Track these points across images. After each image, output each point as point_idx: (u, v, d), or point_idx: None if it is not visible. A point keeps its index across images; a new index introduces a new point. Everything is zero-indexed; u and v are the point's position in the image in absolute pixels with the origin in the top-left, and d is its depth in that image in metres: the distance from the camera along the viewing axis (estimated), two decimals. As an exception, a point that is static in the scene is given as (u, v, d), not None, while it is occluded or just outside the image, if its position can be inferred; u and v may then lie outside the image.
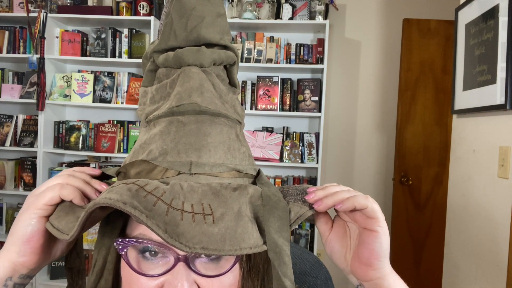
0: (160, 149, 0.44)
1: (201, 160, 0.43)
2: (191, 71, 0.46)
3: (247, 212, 0.41)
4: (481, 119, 1.69)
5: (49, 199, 0.44)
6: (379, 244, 0.44)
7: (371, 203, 0.44)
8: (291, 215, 0.43)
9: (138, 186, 0.39)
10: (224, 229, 0.38)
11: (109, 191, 0.39)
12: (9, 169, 2.88)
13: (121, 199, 0.37)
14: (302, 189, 0.47)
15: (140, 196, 0.38)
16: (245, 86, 2.82)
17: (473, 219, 1.72)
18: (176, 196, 0.39)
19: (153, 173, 0.43)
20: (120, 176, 0.47)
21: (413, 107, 2.80)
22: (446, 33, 2.72)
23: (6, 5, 2.91)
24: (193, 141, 0.44)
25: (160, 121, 0.46)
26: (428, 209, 2.81)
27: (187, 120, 0.45)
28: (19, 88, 2.89)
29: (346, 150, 3.04)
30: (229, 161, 0.45)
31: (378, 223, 0.44)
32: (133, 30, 2.87)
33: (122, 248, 0.43)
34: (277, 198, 0.44)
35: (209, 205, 0.39)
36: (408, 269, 2.81)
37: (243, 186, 0.43)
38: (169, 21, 0.48)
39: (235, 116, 0.48)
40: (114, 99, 2.86)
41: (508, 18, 1.46)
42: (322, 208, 0.44)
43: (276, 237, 0.40)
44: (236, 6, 2.87)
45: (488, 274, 1.58)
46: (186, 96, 0.45)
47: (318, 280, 0.68)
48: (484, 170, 1.65)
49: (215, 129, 0.45)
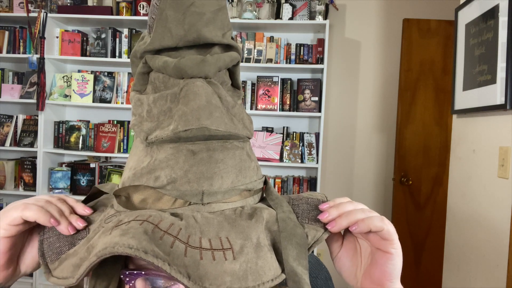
0: (168, 177, 0.41)
1: (213, 188, 0.41)
2: (195, 85, 0.42)
3: (265, 241, 0.39)
4: (481, 119, 1.69)
5: (12, 220, 0.42)
6: (392, 265, 0.43)
7: (387, 225, 0.43)
8: (308, 239, 0.42)
9: (153, 225, 0.37)
10: (245, 264, 0.37)
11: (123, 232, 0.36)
12: (9, 169, 2.88)
13: (140, 246, 0.34)
14: (313, 204, 0.46)
15: (156, 238, 0.36)
16: (245, 86, 2.82)
17: (473, 219, 1.72)
18: (192, 232, 0.38)
19: (160, 202, 0.41)
20: (121, 200, 0.44)
21: (413, 107, 2.80)
22: (446, 33, 2.72)
23: (6, 5, 2.91)
24: (205, 170, 0.41)
25: (165, 146, 0.42)
26: (428, 209, 2.81)
27: (197, 149, 0.41)
28: (19, 88, 2.89)
29: (346, 150, 3.04)
30: (240, 183, 0.43)
31: (392, 245, 0.43)
32: (133, 30, 2.87)
33: (129, 280, 0.40)
34: (293, 223, 0.42)
35: (227, 238, 0.38)
36: (408, 269, 2.81)
37: (258, 212, 0.42)
38: (163, 17, 0.43)
39: (245, 132, 0.45)
40: (114, 99, 2.86)
41: (508, 18, 1.46)
42: (336, 229, 0.43)
43: (294, 265, 0.39)
44: (236, 6, 2.87)
45: (488, 274, 1.58)
46: (193, 119, 0.40)
47: (318, 280, 0.68)
48: (484, 170, 1.65)
49: (227, 155, 0.42)
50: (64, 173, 2.87)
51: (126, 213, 0.41)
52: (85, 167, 2.89)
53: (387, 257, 0.43)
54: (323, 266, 0.72)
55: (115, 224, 0.38)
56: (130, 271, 0.40)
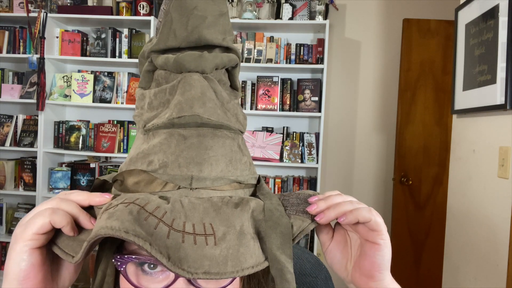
0: (160, 161, 0.43)
1: (202, 174, 0.42)
2: (192, 78, 0.45)
3: (249, 229, 0.40)
4: (481, 119, 1.69)
5: (39, 227, 0.39)
6: (381, 256, 0.44)
7: (375, 216, 0.43)
8: (293, 229, 0.43)
9: (139, 207, 0.38)
10: (226, 249, 0.37)
11: (109, 215, 0.37)
12: (9, 169, 2.88)
13: (122, 227, 0.36)
14: (303, 198, 0.47)
15: (141, 219, 0.37)
16: (245, 86, 2.82)
17: (473, 219, 1.72)
18: (177, 216, 0.39)
19: (152, 185, 0.42)
20: (117, 184, 0.46)
21: (413, 107, 2.80)
22: (446, 33, 2.72)
23: (6, 5, 2.91)
24: (195, 155, 0.42)
25: (160, 132, 0.44)
26: (428, 209, 2.82)
27: (188, 134, 0.43)
28: (19, 88, 2.89)
29: (346, 150, 3.04)
30: (230, 173, 0.44)
31: (380, 236, 0.44)
32: (133, 30, 2.87)
33: (121, 264, 0.42)
34: (279, 213, 0.43)
35: (210, 224, 0.39)
36: (408, 269, 2.80)
37: (244, 201, 0.42)
38: (168, 20, 0.46)
39: (237, 126, 0.47)
40: (114, 99, 2.86)
41: (508, 18, 1.46)
42: (324, 221, 0.44)
43: (278, 254, 0.40)
44: (236, 6, 2.87)
45: (488, 274, 1.58)
46: (187, 107, 0.43)
47: (318, 280, 0.68)
48: (484, 170, 1.65)
49: (217, 142, 0.44)
50: (64, 173, 2.87)
51: (117, 198, 0.42)
52: (85, 167, 2.89)
53: (375, 248, 0.44)
54: (323, 266, 0.72)
55: (106, 208, 0.40)
56: (122, 255, 0.42)
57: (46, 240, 0.41)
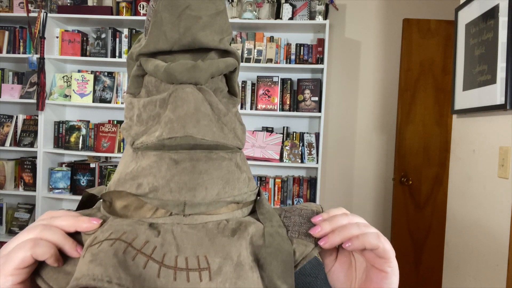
0: (150, 185, 0.39)
1: (196, 199, 0.39)
2: (184, 92, 0.40)
3: (247, 259, 0.38)
4: (481, 119, 1.69)
5: (20, 262, 0.36)
6: (388, 285, 0.42)
7: (383, 243, 0.41)
8: (295, 256, 0.40)
9: (126, 244, 0.35)
10: (222, 284, 0.35)
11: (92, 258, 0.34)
12: (9, 169, 2.88)
13: (105, 274, 0.33)
14: (306, 216, 0.44)
15: (128, 260, 0.35)
16: (245, 86, 2.83)
17: (473, 219, 1.72)
18: (168, 249, 0.36)
19: (142, 210, 0.39)
20: (105, 205, 0.42)
21: (413, 107, 2.80)
22: (446, 33, 2.72)
23: (6, 5, 2.91)
24: (187, 180, 0.39)
25: (149, 153, 0.41)
26: (428, 209, 2.81)
27: (180, 158, 0.39)
28: (19, 88, 2.89)
29: (346, 150, 3.04)
30: (227, 195, 0.41)
31: (388, 264, 0.41)
32: (133, 30, 2.87)
33: None
34: (281, 237, 0.40)
35: (205, 257, 0.36)
36: (408, 269, 2.81)
37: (242, 226, 0.40)
38: (158, 20, 0.41)
39: (235, 143, 0.43)
40: (114, 99, 2.86)
41: (508, 18, 1.46)
42: (328, 246, 0.41)
43: (279, 284, 0.37)
44: (236, 6, 2.87)
45: (488, 274, 1.58)
46: (179, 126, 0.39)
47: (318, 280, 0.68)
48: (484, 170, 1.65)
49: (212, 165, 0.40)
50: (64, 173, 2.87)
51: (102, 228, 0.39)
52: (85, 167, 2.89)
53: (382, 275, 0.42)
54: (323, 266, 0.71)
55: (90, 243, 0.37)
56: None
57: (29, 273, 0.38)
